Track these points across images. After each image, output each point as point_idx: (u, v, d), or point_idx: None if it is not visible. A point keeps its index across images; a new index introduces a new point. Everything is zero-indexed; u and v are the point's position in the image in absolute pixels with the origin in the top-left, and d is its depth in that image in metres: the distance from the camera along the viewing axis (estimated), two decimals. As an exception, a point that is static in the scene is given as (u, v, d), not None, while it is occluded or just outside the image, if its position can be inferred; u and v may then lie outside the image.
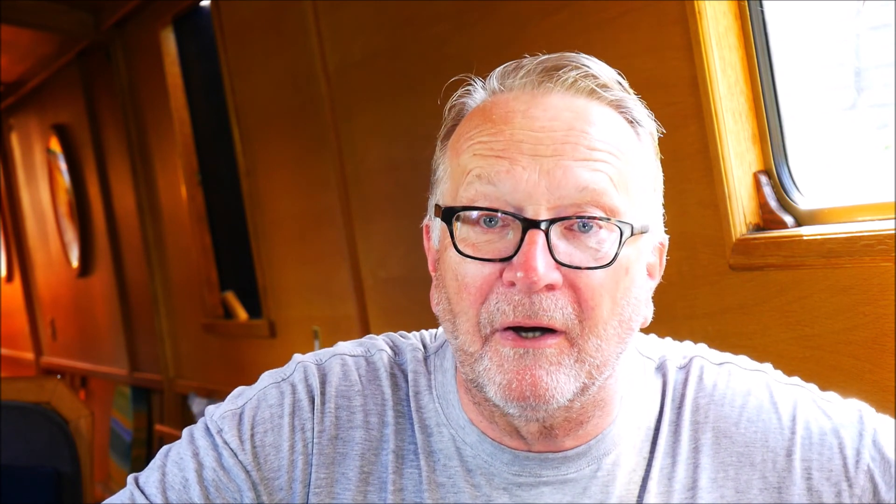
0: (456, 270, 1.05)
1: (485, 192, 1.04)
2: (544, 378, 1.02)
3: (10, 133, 7.01)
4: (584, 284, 1.02)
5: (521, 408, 1.03)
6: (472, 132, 1.08)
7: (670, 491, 1.11)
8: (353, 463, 1.12)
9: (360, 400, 1.15)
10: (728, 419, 1.14)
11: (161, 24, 4.46)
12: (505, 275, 1.01)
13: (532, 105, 1.06)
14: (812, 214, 1.83)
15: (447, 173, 1.10)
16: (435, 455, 1.13)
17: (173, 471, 1.12)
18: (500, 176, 1.03)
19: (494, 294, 1.02)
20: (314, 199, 3.47)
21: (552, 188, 1.02)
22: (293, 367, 1.18)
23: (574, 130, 1.04)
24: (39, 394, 2.51)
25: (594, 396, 1.08)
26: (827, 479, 1.11)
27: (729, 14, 1.87)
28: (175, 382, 4.97)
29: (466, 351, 1.05)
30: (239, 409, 1.14)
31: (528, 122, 1.04)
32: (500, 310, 1.02)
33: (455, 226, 1.05)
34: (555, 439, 1.10)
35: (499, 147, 1.04)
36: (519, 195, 1.02)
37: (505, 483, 1.11)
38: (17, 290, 7.38)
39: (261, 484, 1.11)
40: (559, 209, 1.02)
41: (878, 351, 1.67)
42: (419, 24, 2.73)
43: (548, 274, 1.00)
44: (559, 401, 1.02)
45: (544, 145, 1.03)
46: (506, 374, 1.02)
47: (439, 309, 1.09)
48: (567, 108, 1.05)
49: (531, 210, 1.02)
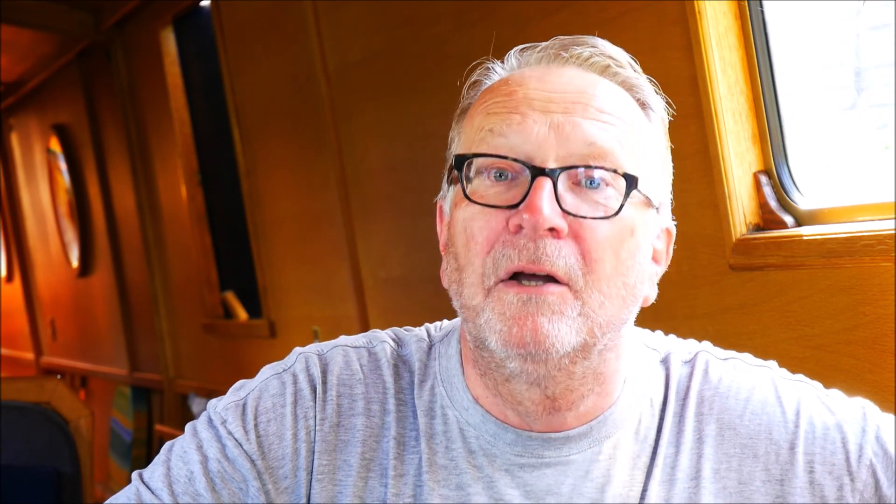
0: (465, 224, 1.06)
1: (496, 144, 1.06)
2: (545, 325, 1.02)
3: (10, 133, 7.02)
4: (589, 236, 1.03)
5: (521, 357, 1.04)
6: (488, 98, 1.11)
7: (673, 479, 1.12)
8: (354, 450, 1.13)
9: (361, 388, 1.16)
10: (732, 411, 1.15)
11: (161, 24, 4.46)
12: (511, 220, 1.03)
13: (547, 73, 1.10)
14: (812, 214, 1.83)
15: (461, 139, 1.13)
16: (437, 438, 1.14)
17: (178, 465, 1.13)
18: (511, 128, 1.06)
19: (500, 242, 1.04)
20: (314, 199, 3.47)
21: (561, 141, 1.04)
22: (294, 357, 1.19)
23: (585, 93, 1.07)
24: (39, 394, 2.51)
25: (595, 367, 1.09)
26: (829, 472, 1.12)
27: (729, 14, 1.87)
28: (175, 382, 4.97)
29: (469, 305, 1.06)
30: (242, 401, 1.15)
31: (541, 85, 1.08)
32: (506, 255, 1.03)
33: (466, 180, 1.07)
34: (557, 413, 1.10)
35: (511, 104, 1.07)
36: (529, 146, 1.05)
37: (507, 464, 1.11)
38: (17, 290, 7.38)
39: (266, 473, 1.12)
40: (568, 161, 1.04)
41: (878, 351, 1.67)
42: (419, 24, 2.73)
43: (553, 217, 1.02)
44: (559, 349, 1.03)
45: (555, 103, 1.06)
46: (507, 322, 1.03)
47: (447, 274, 1.10)
48: (579, 77, 1.09)
49: (540, 160, 1.04)
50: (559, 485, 1.11)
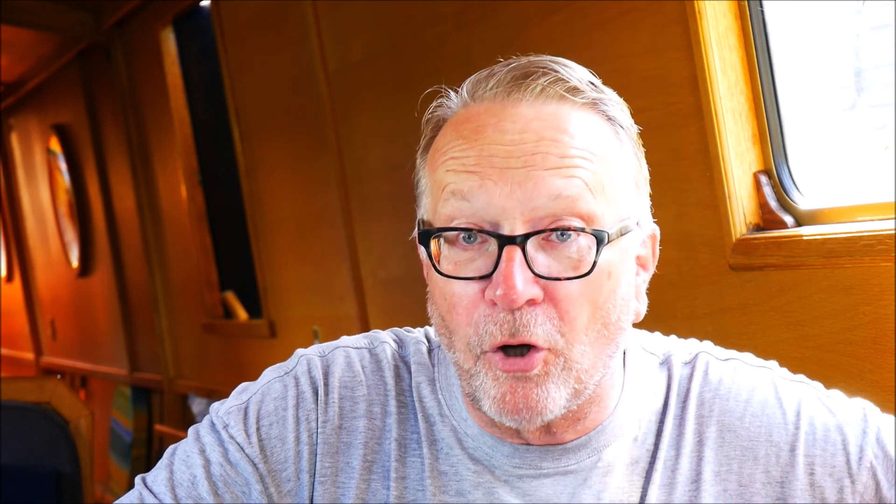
0: (443, 290, 1.06)
1: (460, 207, 1.04)
2: (535, 391, 1.03)
3: (10, 133, 7.02)
4: (564, 296, 1.03)
5: (517, 421, 1.05)
6: (446, 147, 1.08)
7: (674, 482, 1.12)
8: (356, 452, 1.14)
9: (363, 390, 1.16)
10: (733, 414, 1.14)
11: (161, 24, 4.46)
12: (487, 293, 1.02)
13: (502, 118, 1.06)
14: (812, 214, 1.83)
15: (427, 188, 1.11)
16: (438, 444, 1.14)
17: (181, 468, 1.13)
18: (473, 192, 1.03)
19: (481, 313, 1.04)
20: (314, 199, 3.47)
21: (525, 200, 1.02)
22: (296, 360, 1.19)
23: (544, 140, 1.04)
24: (39, 394, 2.51)
25: (590, 395, 1.09)
26: (830, 474, 1.11)
27: (729, 14, 1.87)
28: (175, 382, 4.97)
29: (462, 367, 1.07)
30: (244, 404, 1.15)
31: (498, 136, 1.04)
32: (488, 332, 1.03)
33: (434, 245, 1.06)
34: (554, 435, 1.11)
35: (470, 163, 1.04)
36: (493, 210, 1.03)
37: (506, 475, 1.12)
38: (17, 290, 7.38)
39: (268, 476, 1.13)
40: (535, 221, 1.02)
41: (878, 351, 1.67)
42: (419, 23, 2.73)
43: (527, 290, 1.01)
44: (553, 411, 1.04)
45: (514, 157, 1.03)
46: (500, 388, 1.04)
47: (434, 321, 1.11)
48: (536, 116, 1.05)
49: (507, 225, 1.02)
50: (558, 494, 1.11)
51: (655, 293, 1.15)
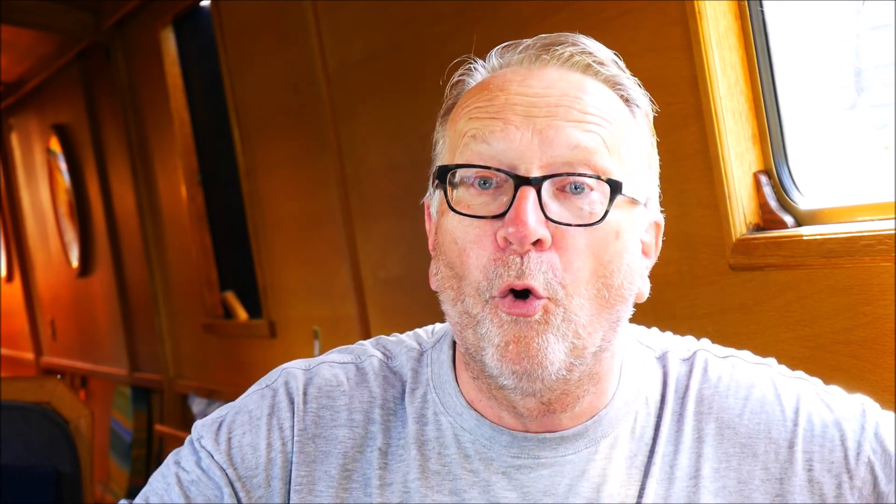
0: (454, 233, 1.07)
1: (479, 151, 1.06)
2: (536, 341, 1.03)
3: (10, 133, 7.02)
4: (571, 245, 1.04)
5: (516, 375, 1.04)
6: (470, 101, 1.11)
7: (672, 478, 1.12)
8: (335, 461, 1.14)
9: (344, 399, 1.16)
10: (732, 410, 1.15)
11: (161, 24, 4.46)
12: (498, 233, 1.04)
13: (528, 76, 1.09)
14: (812, 214, 1.83)
15: (445, 143, 1.13)
16: (429, 444, 1.14)
17: (157, 479, 1.17)
18: (494, 135, 1.06)
19: (491, 256, 1.05)
20: (314, 199, 3.47)
21: (544, 146, 1.04)
22: (277, 373, 1.20)
23: (567, 96, 1.07)
24: (39, 394, 2.51)
25: (590, 368, 1.09)
26: (828, 470, 1.12)
27: (729, 14, 1.87)
28: (175, 382, 4.97)
29: (470, 313, 1.07)
30: (220, 418, 1.18)
31: (523, 89, 1.08)
32: (497, 274, 1.04)
33: (450, 187, 1.07)
34: (552, 415, 1.10)
35: (493, 110, 1.07)
36: (512, 154, 1.05)
37: (503, 467, 1.11)
38: (17, 290, 7.38)
39: (237, 481, 1.14)
40: (551, 167, 1.04)
41: (878, 351, 1.67)
42: (419, 23, 2.73)
43: (538, 229, 1.02)
44: (554, 363, 1.04)
45: (538, 108, 1.06)
46: (504, 337, 1.04)
47: (438, 279, 1.11)
48: (562, 78, 1.09)
49: (523, 168, 1.04)
50: (556, 485, 1.11)
51: (655, 293, 1.15)
